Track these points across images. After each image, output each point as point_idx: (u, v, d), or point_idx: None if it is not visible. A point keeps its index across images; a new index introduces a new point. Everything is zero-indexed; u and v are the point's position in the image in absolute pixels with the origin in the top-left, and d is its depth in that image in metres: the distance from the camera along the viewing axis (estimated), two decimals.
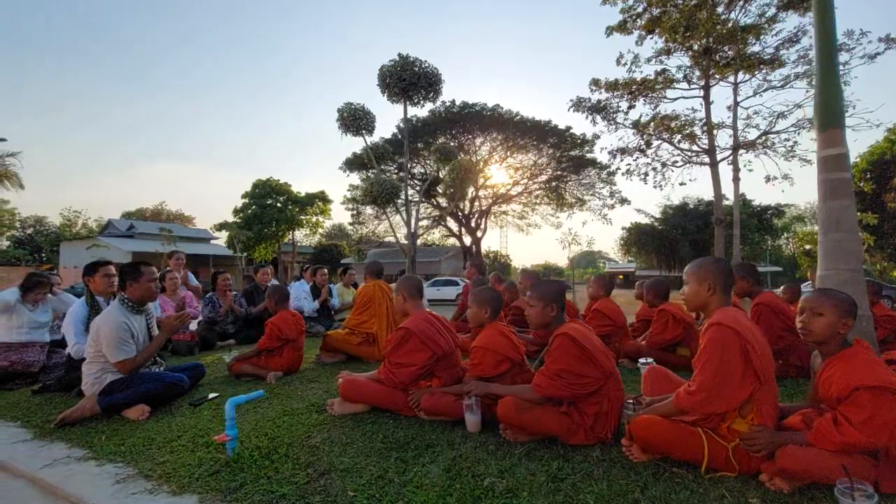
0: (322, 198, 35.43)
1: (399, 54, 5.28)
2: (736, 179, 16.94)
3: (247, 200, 33.39)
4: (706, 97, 17.17)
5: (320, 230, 38.94)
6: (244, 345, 5.23)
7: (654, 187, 20.45)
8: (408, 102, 5.58)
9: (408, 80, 5.23)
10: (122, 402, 2.87)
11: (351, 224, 37.57)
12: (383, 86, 5.27)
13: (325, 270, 6.19)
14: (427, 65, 5.42)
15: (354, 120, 5.64)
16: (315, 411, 2.84)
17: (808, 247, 39.47)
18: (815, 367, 1.97)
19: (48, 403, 3.24)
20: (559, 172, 30.19)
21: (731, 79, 16.65)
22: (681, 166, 19.12)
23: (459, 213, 34.56)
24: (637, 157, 19.42)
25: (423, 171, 33.18)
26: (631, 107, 18.82)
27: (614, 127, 19.42)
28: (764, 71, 16.11)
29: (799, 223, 50.07)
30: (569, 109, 19.61)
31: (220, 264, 38.59)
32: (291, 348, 3.67)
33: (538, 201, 34.24)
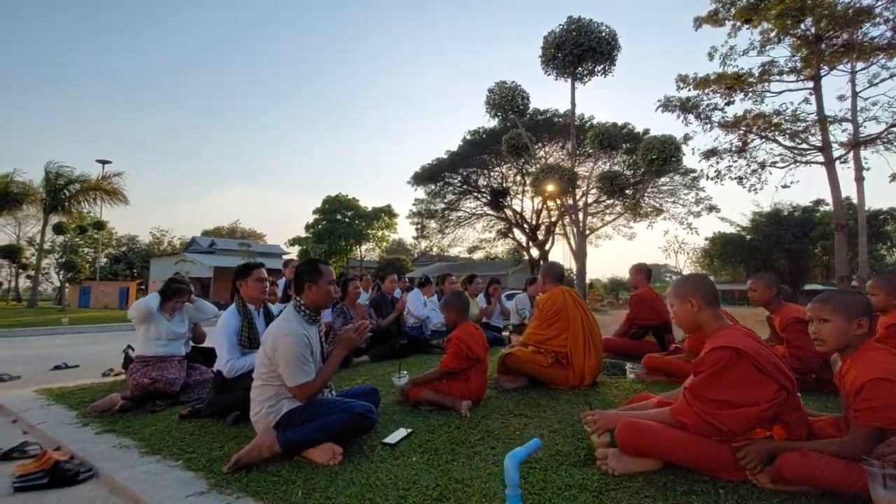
0: (388, 212, 35.55)
1: (569, 17, 4.51)
2: (859, 179, 14.91)
3: (318, 216, 34.17)
4: (817, 88, 15.27)
5: (384, 244, 39.06)
6: (378, 362, 4.58)
7: (749, 191, 18.53)
8: (575, 76, 4.80)
9: (585, 45, 4.44)
10: (307, 440, 2.20)
11: (415, 238, 37.49)
12: (549, 58, 4.51)
13: (454, 278, 5.46)
14: (604, 28, 4.60)
15: (507, 100, 4.94)
16: (572, 464, 2.01)
17: None
18: None
19: (202, 433, 2.65)
20: (635, 179, 28.28)
21: (847, 67, 14.75)
22: (784, 166, 17.19)
23: (526, 225, 33.39)
24: (735, 159, 17.65)
25: (486, 182, 32.49)
26: (728, 103, 17.16)
27: (709, 126, 17.79)
28: (881, 58, 14.14)
29: None
30: (656, 109, 18.17)
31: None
32: (478, 371, 2.89)
33: (609, 211, 32.19)
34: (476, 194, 33.54)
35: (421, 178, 30.31)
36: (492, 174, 32.26)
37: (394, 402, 3.03)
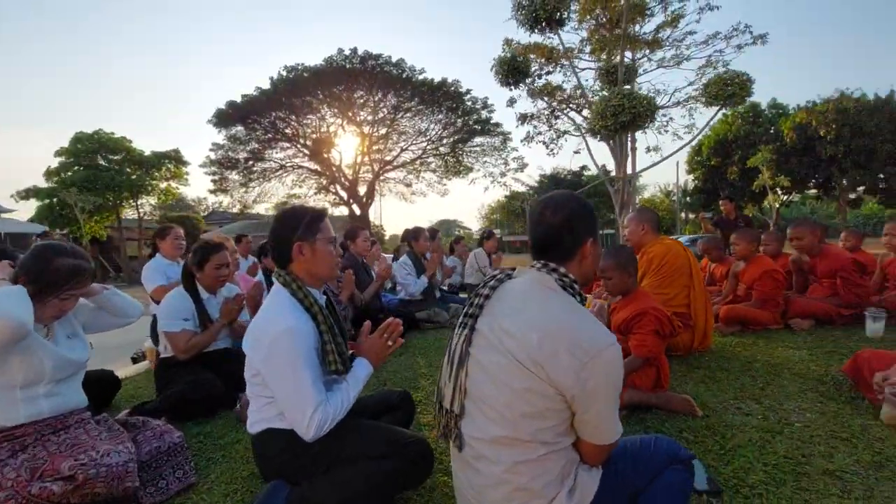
0: (175, 158, 28.35)
1: None
2: (633, 149, 18.44)
3: (64, 159, 24.87)
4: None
5: (173, 198, 31.43)
6: None
7: (548, 154, 21.36)
8: None
9: None
10: None
11: (212, 192, 31.37)
12: None
13: (427, 234, 4.34)
14: None
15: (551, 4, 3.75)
16: None
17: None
18: None
19: None
20: (456, 138, 29.40)
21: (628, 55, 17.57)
22: (577, 135, 20.19)
23: (345, 180, 31.62)
24: (546, 127, 19.77)
25: (298, 131, 29.09)
26: (548, 72, 18.71)
27: (528, 91, 19.25)
28: (646, 52, 17.34)
29: None
30: (492, 69, 18.83)
31: (18, 244, 28.72)
32: (662, 352, 2.13)
33: (423, 168, 32.73)
34: (286, 143, 29.74)
35: (226, 116, 24.98)
36: (304, 121, 28.95)
37: None
